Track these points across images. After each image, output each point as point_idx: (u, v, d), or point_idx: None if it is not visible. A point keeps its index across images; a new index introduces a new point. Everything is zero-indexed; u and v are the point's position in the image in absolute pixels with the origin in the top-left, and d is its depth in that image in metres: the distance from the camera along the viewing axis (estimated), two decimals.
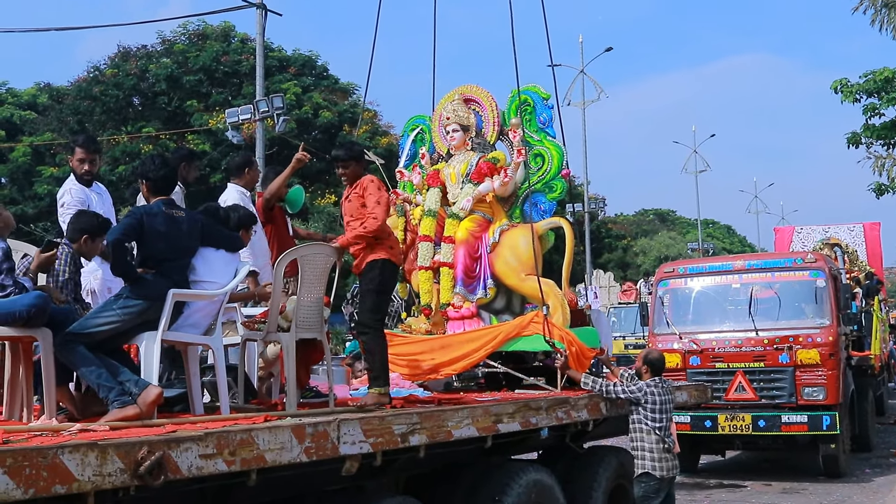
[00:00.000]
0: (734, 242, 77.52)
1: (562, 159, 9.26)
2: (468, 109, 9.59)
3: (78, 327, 5.42)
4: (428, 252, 9.23)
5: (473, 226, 9.16)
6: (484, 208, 9.27)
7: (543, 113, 9.44)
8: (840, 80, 19.69)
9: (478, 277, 9.08)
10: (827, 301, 12.79)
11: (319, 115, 35.08)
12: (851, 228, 22.36)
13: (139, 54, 36.40)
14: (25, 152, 35.44)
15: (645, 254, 56.49)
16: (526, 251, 8.76)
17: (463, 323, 8.99)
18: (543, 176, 9.27)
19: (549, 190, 9.31)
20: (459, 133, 9.45)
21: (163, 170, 5.90)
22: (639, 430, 7.92)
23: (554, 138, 9.39)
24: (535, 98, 9.46)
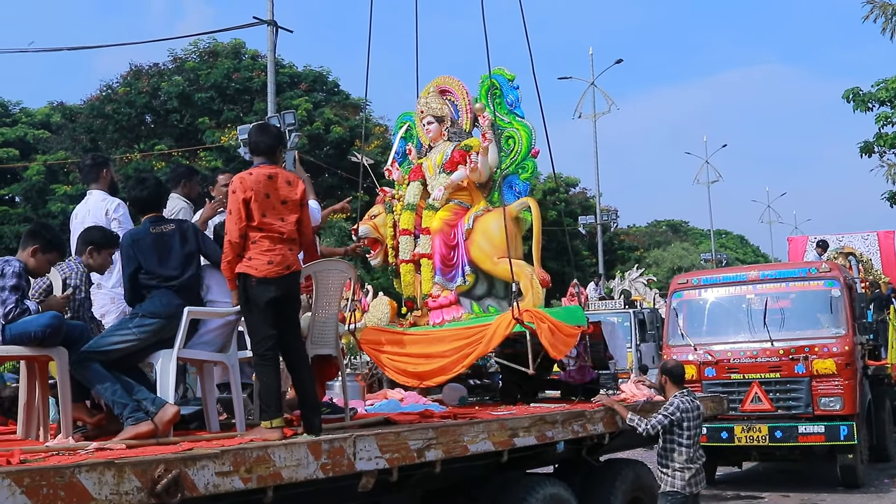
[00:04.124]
0: (747, 253, 77.29)
1: (530, 139, 9.27)
2: (443, 100, 9.63)
3: (94, 345, 5.44)
4: (408, 245, 9.32)
5: (449, 215, 9.20)
6: (462, 196, 9.30)
7: (510, 94, 9.48)
8: (852, 88, 19.68)
9: (455, 265, 9.11)
10: (842, 310, 12.73)
11: (331, 131, 35.17)
12: (866, 237, 22.24)
13: (151, 72, 36.56)
14: (39, 171, 35.60)
15: (658, 265, 56.36)
16: (498, 235, 8.74)
17: (441, 312, 9.04)
18: (515, 157, 9.30)
19: (521, 171, 9.32)
20: (434, 125, 9.54)
21: (143, 190, 6.01)
22: (670, 449, 7.79)
23: (523, 118, 9.41)
24: (502, 81, 9.49)
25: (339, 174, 31.94)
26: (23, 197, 37.45)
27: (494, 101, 9.43)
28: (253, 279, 5.48)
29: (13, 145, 37.93)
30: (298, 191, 5.73)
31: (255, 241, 5.54)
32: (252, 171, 5.67)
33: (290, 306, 5.66)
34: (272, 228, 5.54)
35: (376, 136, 36.46)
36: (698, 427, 7.87)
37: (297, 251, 5.74)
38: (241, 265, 5.53)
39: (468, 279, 9.01)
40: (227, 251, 5.55)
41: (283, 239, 5.57)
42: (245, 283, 5.52)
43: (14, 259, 5.66)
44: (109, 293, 6.73)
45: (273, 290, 5.46)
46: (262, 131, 5.94)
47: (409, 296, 9.37)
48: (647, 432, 7.67)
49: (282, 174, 5.74)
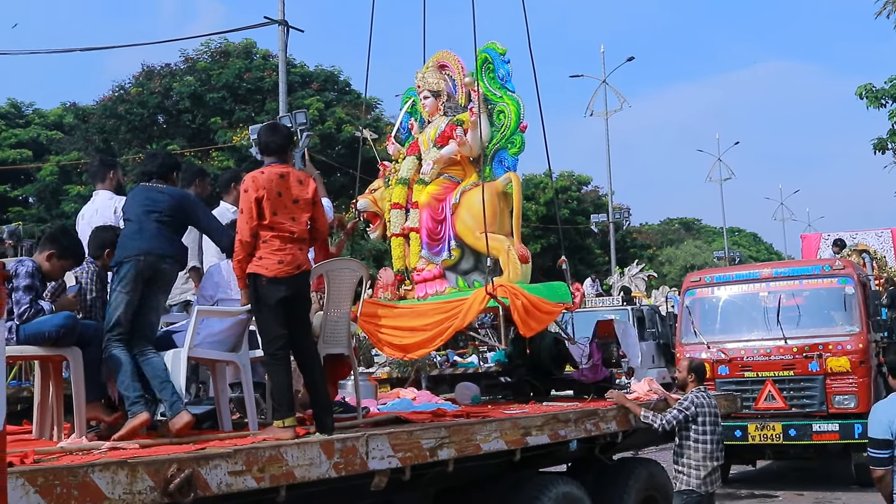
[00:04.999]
0: (760, 250, 77.06)
1: (518, 112, 9.26)
2: (440, 75, 9.64)
3: (105, 325, 5.53)
4: (398, 219, 9.38)
5: (437, 189, 9.23)
6: (454, 171, 9.32)
7: (501, 68, 9.47)
8: (865, 85, 19.59)
9: (442, 239, 9.15)
10: (856, 308, 12.66)
11: (342, 130, 35.20)
12: (880, 234, 22.15)
13: (163, 73, 36.65)
14: (52, 171, 35.77)
15: (671, 263, 56.27)
16: (481, 208, 8.75)
17: (425, 286, 9.09)
18: (505, 132, 9.30)
19: (510, 145, 9.32)
20: (430, 99, 9.55)
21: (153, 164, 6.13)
22: (686, 446, 7.76)
23: (514, 92, 9.41)
24: (493, 55, 9.49)
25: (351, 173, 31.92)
26: (36, 197, 37.65)
27: (487, 75, 9.44)
28: (263, 279, 5.49)
29: (27, 146, 38.13)
30: (310, 189, 5.74)
31: (265, 241, 5.55)
32: (264, 170, 5.69)
33: (301, 306, 5.67)
34: (283, 228, 5.55)
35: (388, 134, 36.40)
36: (716, 424, 7.85)
37: (307, 250, 5.75)
38: (251, 265, 5.53)
39: (454, 254, 9.04)
40: (238, 250, 5.56)
41: (293, 238, 5.57)
42: (256, 283, 5.53)
43: (28, 259, 5.69)
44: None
45: (283, 290, 5.47)
46: (272, 131, 5.94)
47: (398, 269, 9.44)
48: (662, 428, 7.65)
49: (293, 173, 5.75)
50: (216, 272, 6.13)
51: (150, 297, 5.64)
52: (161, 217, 5.74)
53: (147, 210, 5.76)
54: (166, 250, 5.70)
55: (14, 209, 36.93)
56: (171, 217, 5.79)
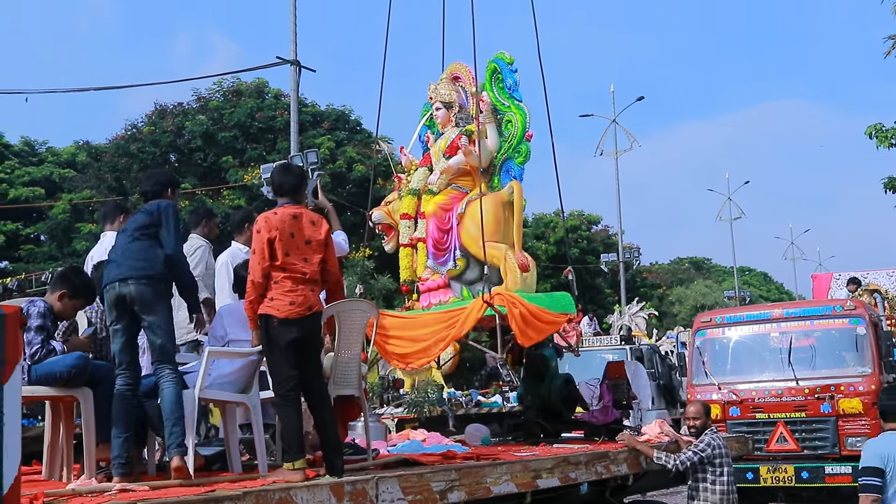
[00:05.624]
0: (771, 290, 76.80)
1: (525, 121, 9.30)
2: (453, 87, 9.71)
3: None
4: (407, 229, 9.42)
5: (445, 199, 9.29)
6: (463, 181, 9.38)
7: (509, 78, 9.54)
8: (875, 125, 19.56)
9: (448, 249, 9.18)
10: (868, 349, 12.59)
11: (353, 169, 35.30)
12: (891, 274, 22.10)
13: (175, 111, 36.88)
14: (65, 209, 35.92)
15: (681, 303, 56.06)
16: (485, 219, 8.77)
17: (429, 295, 9.11)
18: (512, 141, 9.33)
19: (517, 154, 9.35)
20: (442, 111, 9.65)
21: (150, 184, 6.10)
22: (703, 487, 7.70)
23: (520, 102, 9.44)
24: (502, 64, 9.56)
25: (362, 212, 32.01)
26: (48, 235, 37.78)
27: (497, 84, 9.52)
28: (275, 320, 5.50)
29: (39, 184, 38.34)
30: (322, 231, 5.77)
31: (277, 282, 5.56)
32: (277, 211, 5.72)
33: (312, 347, 5.67)
34: (295, 269, 5.56)
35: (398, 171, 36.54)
36: (731, 465, 7.83)
37: (318, 292, 5.75)
38: (263, 306, 5.55)
39: (459, 263, 9.09)
40: (249, 291, 5.58)
41: (305, 279, 5.59)
42: (267, 324, 5.53)
43: (39, 300, 5.71)
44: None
45: (295, 331, 5.47)
46: (284, 171, 5.98)
47: (404, 279, 9.46)
48: (676, 468, 7.61)
49: (306, 214, 5.78)
50: (227, 313, 6.15)
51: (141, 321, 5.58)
52: (134, 234, 5.69)
53: (122, 231, 5.79)
54: (132, 270, 5.56)
55: (26, 247, 37.07)
56: (144, 229, 5.71)
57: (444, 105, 9.65)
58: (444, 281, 9.16)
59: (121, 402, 5.42)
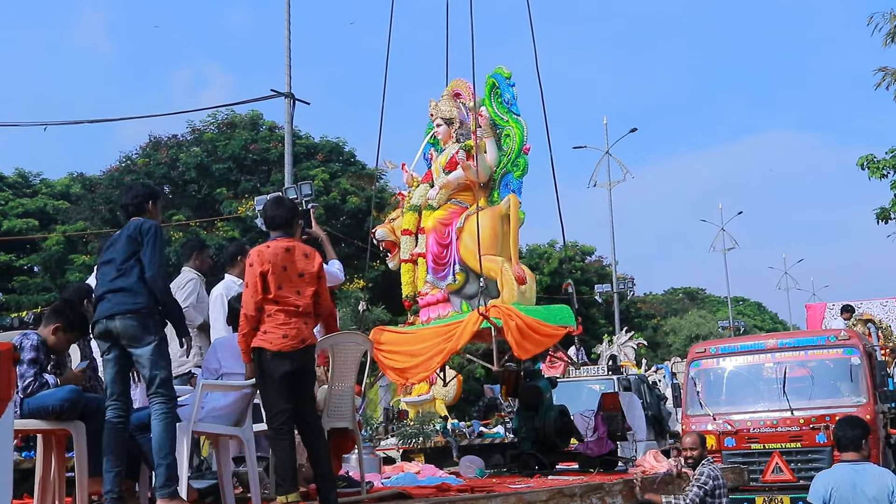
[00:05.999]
0: (765, 320, 76.78)
1: (522, 135, 9.35)
2: (454, 103, 9.76)
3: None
4: (408, 245, 9.46)
5: (444, 214, 9.33)
6: (463, 196, 9.42)
7: (507, 92, 9.60)
8: (866, 156, 19.70)
9: (448, 264, 9.20)
10: (862, 378, 12.60)
11: (347, 201, 35.34)
12: (884, 303, 22.12)
13: (170, 143, 36.93)
14: (58, 241, 35.86)
15: (675, 333, 56.02)
16: (482, 232, 8.79)
17: (428, 310, 9.14)
18: (510, 155, 9.37)
19: (514, 168, 9.39)
20: (443, 127, 9.70)
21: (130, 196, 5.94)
22: None
23: (518, 115, 9.49)
24: (500, 79, 9.63)
25: (356, 244, 32.02)
26: (42, 267, 37.68)
27: (496, 99, 9.58)
28: (268, 353, 5.50)
29: (33, 216, 38.29)
30: (315, 263, 5.77)
31: (270, 315, 5.56)
32: (270, 244, 5.73)
33: (305, 380, 5.66)
34: (288, 302, 5.56)
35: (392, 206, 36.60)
36: (728, 496, 7.84)
37: (312, 325, 5.75)
38: (256, 339, 5.55)
39: (458, 278, 9.11)
40: (242, 324, 5.58)
41: (298, 312, 5.59)
42: (260, 357, 5.54)
43: (33, 333, 5.70)
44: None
45: (288, 364, 5.47)
46: (277, 205, 6.00)
47: (406, 295, 9.48)
48: None
49: (299, 247, 5.79)
50: (221, 346, 6.14)
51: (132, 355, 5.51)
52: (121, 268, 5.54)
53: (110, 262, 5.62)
54: (117, 306, 5.47)
55: (19, 278, 36.96)
56: (131, 258, 5.57)
57: (444, 121, 9.74)
58: (444, 295, 9.21)
59: (112, 434, 5.39)
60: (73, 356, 6.19)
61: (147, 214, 5.86)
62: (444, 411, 18.06)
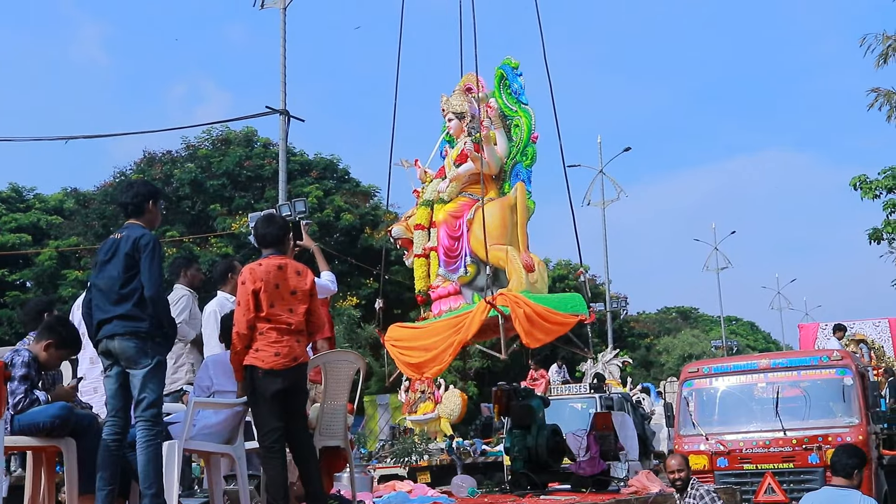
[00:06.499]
0: (758, 339, 76.82)
1: (530, 123, 9.36)
2: (465, 98, 9.78)
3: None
4: (421, 240, 9.49)
5: (455, 207, 9.36)
6: (475, 189, 9.45)
7: (514, 82, 9.63)
8: (859, 176, 19.79)
9: (459, 256, 9.22)
10: (855, 399, 12.59)
11: (341, 218, 35.36)
12: (877, 324, 22.15)
13: (164, 159, 36.96)
14: (51, 256, 35.79)
15: (668, 352, 55.98)
16: (490, 223, 8.82)
17: (440, 303, 9.15)
18: (519, 145, 9.39)
19: (524, 157, 9.41)
20: (455, 121, 9.74)
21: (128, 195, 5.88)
22: None
23: (526, 105, 9.51)
24: (507, 70, 9.67)
25: (350, 261, 32.03)
26: (34, 282, 37.59)
27: (505, 91, 9.61)
28: (260, 371, 5.50)
29: (26, 230, 38.21)
30: (308, 281, 5.77)
31: (262, 333, 5.56)
32: (262, 262, 5.72)
33: (297, 398, 5.65)
34: (280, 320, 5.56)
35: (386, 223, 36.66)
36: None
37: (305, 343, 5.75)
38: (248, 357, 5.54)
39: (469, 270, 9.14)
40: (235, 342, 5.57)
41: (290, 330, 5.58)
42: (252, 375, 5.53)
43: (24, 349, 5.69)
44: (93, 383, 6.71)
45: (279, 382, 5.47)
46: (268, 223, 6.00)
47: (419, 290, 9.50)
48: None
49: (291, 264, 5.79)
50: (213, 363, 6.12)
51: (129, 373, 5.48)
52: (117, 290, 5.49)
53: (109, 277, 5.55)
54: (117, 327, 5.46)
55: (11, 293, 36.85)
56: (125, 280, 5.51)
57: (456, 116, 9.80)
58: (456, 288, 9.25)
59: (107, 453, 5.37)
60: (65, 372, 6.17)
61: (147, 214, 5.82)
62: (449, 430, 18.13)
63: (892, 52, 23.48)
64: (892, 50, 23.48)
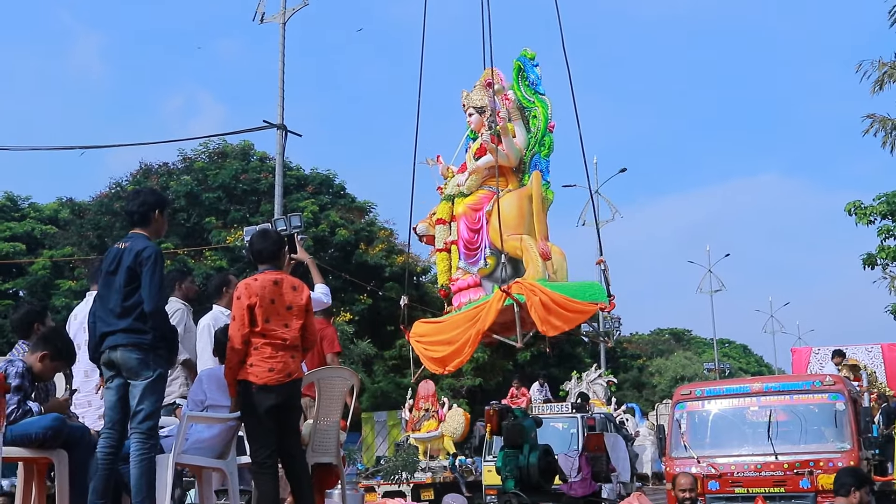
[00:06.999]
0: (750, 362, 76.83)
1: (547, 113, 9.38)
2: (485, 92, 9.81)
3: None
4: (442, 234, 9.50)
5: (474, 199, 9.39)
6: (495, 182, 9.41)
7: (531, 73, 9.65)
8: (854, 202, 19.85)
9: (479, 249, 9.24)
10: (847, 424, 12.58)
11: (336, 234, 35.37)
12: (869, 349, 22.15)
13: (160, 171, 36.95)
14: (45, 265, 35.72)
15: (661, 374, 55.96)
16: (507, 213, 8.84)
17: (459, 295, 9.17)
18: (537, 135, 9.41)
19: (542, 148, 9.43)
20: (475, 116, 9.78)
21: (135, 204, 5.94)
22: None
23: (543, 95, 9.53)
24: (524, 61, 9.71)
25: (344, 277, 32.01)
26: (27, 291, 37.49)
27: (523, 82, 9.65)
28: (254, 386, 5.50)
29: (20, 239, 38.14)
30: (304, 296, 5.78)
31: (257, 348, 5.56)
32: (258, 277, 5.73)
33: (291, 414, 5.65)
34: (275, 335, 5.56)
35: (381, 239, 36.69)
36: None
37: (300, 358, 5.75)
38: (242, 371, 5.54)
39: (489, 262, 9.16)
40: (229, 357, 5.57)
41: (285, 346, 5.58)
42: (246, 390, 5.52)
43: (18, 360, 5.67)
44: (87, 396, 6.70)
45: (273, 398, 5.46)
46: (263, 238, 6.01)
47: (441, 284, 9.54)
48: None
49: (287, 280, 5.79)
50: (207, 377, 6.11)
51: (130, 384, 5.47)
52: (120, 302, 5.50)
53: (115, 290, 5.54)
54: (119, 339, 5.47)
55: (4, 302, 36.74)
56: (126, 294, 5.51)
57: (476, 110, 9.84)
58: (476, 280, 9.28)
59: (101, 467, 5.35)
60: (58, 384, 6.15)
61: (153, 224, 5.83)
62: (452, 448, 18.15)
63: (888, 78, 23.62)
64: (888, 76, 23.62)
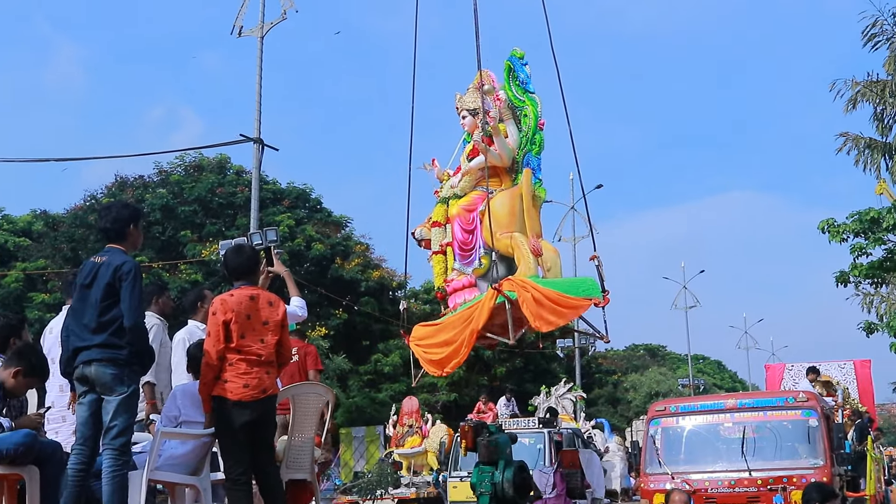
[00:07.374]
0: (725, 378, 77.13)
1: (537, 111, 9.41)
2: (477, 94, 9.82)
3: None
4: (438, 236, 9.49)
5: (468, 200, 9.40)
6: (490, 182, 9.42)
7: (521, 73, 9.67)
8: (827, 220, 19.97)
9: (473, 249, 9.25)
10: (820, 441, 12.64)
11: (312, 248, 35.31)
12: (842, 366, 22.33)
13: (136, 184, 36.80)
14: (18, 278, 35.42)
15: (636, 389, 56.11)
16: (500, 212, 8.86)
17: (455, 296, 9.16)
18: (528, 133, 9.45)
19: (532, 146, 9.46)
20: (469, 118, 9.77)
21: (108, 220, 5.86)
22: None
23: (533, 94, 9.57)
24: (514, 60, 9.72)
25: (319, 291, 31.94)
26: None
27: (513, 82, 9.66)
28: (228, 402, 5.47)
29: None
30: (280, 311, 5.77)
31: (232, 364, 5.54)
32: (234, 293, 5.71)
33: (265, 430, 5.62)
34: (250, 351, 5.54)
35: (357, 254, 36.66)
36: None
37: (275, 374, 5.73)
38: (217, 387, 5.52)
39: (483, 262, 9.14)
40: (204, 373, 5.54)
41: (260, 362, 5.56)
42: (220, 406, 5.49)
43: None
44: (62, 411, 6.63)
45: (247, 414, 5.44)
46: (238, 254, 5.99)
47: (438, 287, 9.53)
48: None
49: (263, 295, 5.78)
50: (182, 393, 6.08)
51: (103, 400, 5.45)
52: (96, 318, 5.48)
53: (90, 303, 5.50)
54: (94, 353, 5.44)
55: None
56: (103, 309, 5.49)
57: (469, 113, 9.84)
58: (471, 281, 9.27)
59: (71, 484, 5.30)
60: (31, 400, 6.10)
61: (129, 238, 5.80)
62: (436, 464, 18.12)
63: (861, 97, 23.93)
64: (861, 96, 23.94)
